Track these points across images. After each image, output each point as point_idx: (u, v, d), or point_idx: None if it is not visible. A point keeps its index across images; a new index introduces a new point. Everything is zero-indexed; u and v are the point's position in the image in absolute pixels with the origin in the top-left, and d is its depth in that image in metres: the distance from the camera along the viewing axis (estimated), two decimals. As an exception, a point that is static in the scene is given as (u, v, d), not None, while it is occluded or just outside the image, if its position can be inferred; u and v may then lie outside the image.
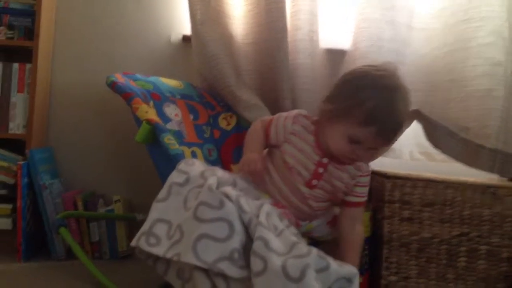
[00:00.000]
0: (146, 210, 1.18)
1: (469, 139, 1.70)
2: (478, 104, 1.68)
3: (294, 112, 1.33)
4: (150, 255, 1.13)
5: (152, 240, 1.09)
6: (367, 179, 1.35)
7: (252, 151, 1.30)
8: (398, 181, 1.57)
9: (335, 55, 1.88)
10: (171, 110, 1.54)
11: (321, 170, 1.29)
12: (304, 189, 1.29)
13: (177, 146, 1.28)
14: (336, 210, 1.40)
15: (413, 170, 1.77)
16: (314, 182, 1.29)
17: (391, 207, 1.56)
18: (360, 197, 1.35)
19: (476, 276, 1.58)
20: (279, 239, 1.08)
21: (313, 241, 1.36)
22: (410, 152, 1.94)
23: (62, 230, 1.62)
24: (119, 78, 1.46)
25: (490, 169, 1.72)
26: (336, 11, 1.87)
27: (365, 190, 1.35)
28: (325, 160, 1.28)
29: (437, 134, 1.75)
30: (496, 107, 1.68)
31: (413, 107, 1.80)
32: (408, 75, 1.79)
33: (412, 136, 1.87)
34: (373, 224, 1.62)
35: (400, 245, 1.56)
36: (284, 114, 1.34)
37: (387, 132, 1.18)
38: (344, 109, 1.19)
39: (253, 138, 1.35)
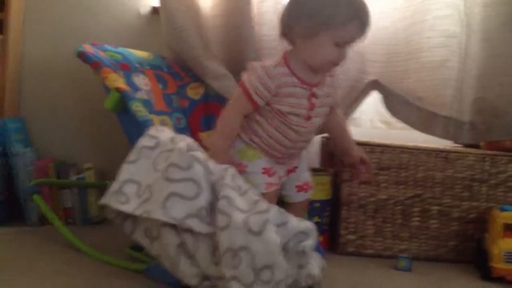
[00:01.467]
0: (117, 176, 1.24)
1: (423, 107, 1.80)
2: (432, 74, 1.78)
3: (260, 71, 1.29)
4: (119, 214, 1.19)
5: (122, 198, 1.16)
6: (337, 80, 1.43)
7: (224, 145, 1.31)
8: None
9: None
10: (140, 80, 1.59)
11: (313, 100, 1.33)
12: (302, 129, 1.34)
13: (145, 113, 1.34)
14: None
15: (374, 138, 1.87)
16: (311, 113, 1.34)
17: (350, 171, 1.66)
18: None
19: (428, 234, 1.69)
20: (242, 198, 1.16)
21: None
22: (371, 120, 2.04)
23: (35, 197, 1.67)
24: (88, 49, 1.51)
25: (444, 136, 1.82)
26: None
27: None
28: (314, 90, 1.33)
29: (394, 103, 1.84)
30: (450, 77, 1.78)
31: (373, 77, 1.89)
32: (368, 47, 1.88)
33: (372, 105, 1.96)
34: (333, 187, 1.72)
35: (358, 206, 1.67)
36: (255, 79, 1.29)
37: (366, 21, 1.26)
38: (322, 19, 1.23)
39: (228, 129, 1.33)
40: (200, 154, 1.18)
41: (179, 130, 1.61)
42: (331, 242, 1.72)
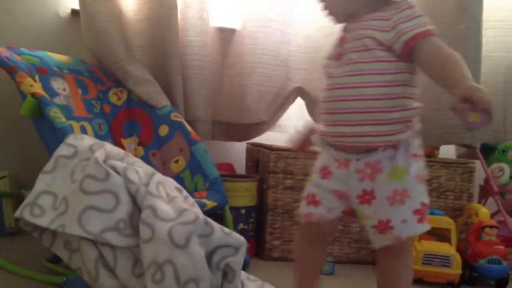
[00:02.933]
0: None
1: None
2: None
3: None
4: (36, 227, 1.14)
5: (37, 211, 1.10)
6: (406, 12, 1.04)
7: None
8: (282, 153, 1.69)
9: (225, 34, 1.95)
10: (58, 85, 1.53)
11: (344, 34, 1.13)
12: (335, 75, 1.09)
13: (63, 119, 1.28)
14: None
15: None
16: (342, 50, 1.10)
17: (275, 177, 1.68)
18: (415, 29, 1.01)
19: (350, 238, 1.74)
20: (169, 206, 1.13)
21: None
22: (296, 126, 2.06)
23: None
24: (3, 52, 1.42)
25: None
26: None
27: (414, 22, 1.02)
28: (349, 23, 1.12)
29: (317, 110, 1.88)
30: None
31: (297, 84, 1.93)
32: (293, 54, 1.92)
33: (297, 111, 1.99)
34: (259, 193, 1.72)
35: (283, 212, 1.69)
36: None
37: None
38: None
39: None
40: (118, 162, 1.15)
41: (100, 136, 1.56)
42: (257, 248, 1.73)
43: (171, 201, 1.15)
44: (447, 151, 1.99)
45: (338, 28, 1.82)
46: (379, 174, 1.04)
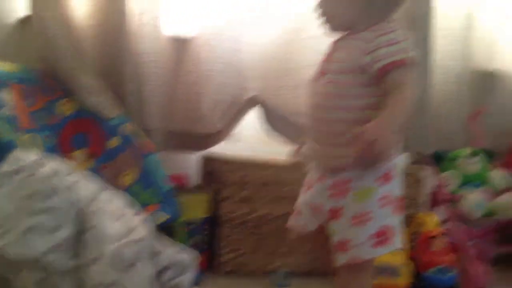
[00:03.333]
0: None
1: (299, 123, 1.85)
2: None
3: None
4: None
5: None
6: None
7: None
8: (236, 163, 1.68)
9: (180, 41, 1.91)
10: (3, 95, 1.47)
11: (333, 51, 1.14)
12: (313, 90, 1.14)
13: (8, 133, 1.24)
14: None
15: (255, 152, 1.89)
16: (325, 68, 1.13)
17: (230, 188, 1.67)
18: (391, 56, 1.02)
19: (305, 249, 1.73)
20: (116, 224, 1.11)
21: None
22: (252, 135, 2.06)
23: None
24: None
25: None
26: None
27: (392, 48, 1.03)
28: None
29: (273, 119, 1.89)
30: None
31: (253, 93, 1.92)
32: (248, 62, 1.91)
33: (252, 120, 1.98)
34: (213, 205, 1.71)
35: (237, 224, 1.68)
36: None
37: None
38: None
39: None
40: (65, 178, 1.12)
41: (47, 149, 1.51)
42: (210, 261, 1.71)
43: (119, 219, 1.13)
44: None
45: (295, 36, 1.87)
46: (347, 193, 1.06)
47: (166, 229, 1.51)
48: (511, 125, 2.07)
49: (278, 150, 1.98)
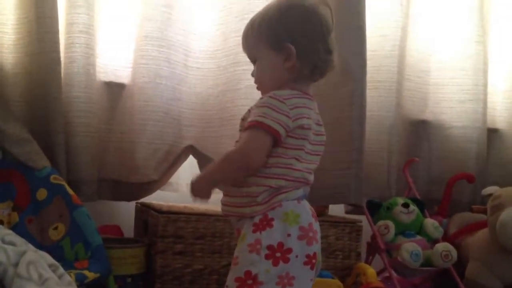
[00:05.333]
0: None
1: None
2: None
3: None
4: None
5: None
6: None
7: None
8: (172, 216, 1.62)
9: (114, 88, 1.87)
10: None
11: None
12: None
13: None
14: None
15: (192, 203, 1.84)
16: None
17: (165, 241, 1.60)
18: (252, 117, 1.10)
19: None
20: (41, 288, 1.03)
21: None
22: (187, 185, 2.01)
23: None
24: None
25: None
26: (115, 46, 1.86)
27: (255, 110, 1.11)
28: None
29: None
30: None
31: (189, 142, 1.89)
32: (184, 111, 1.89)
33: (189, 169, 1.94)
34: (147, 259, 1.64)
35: (173, 278, 1.61)
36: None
37: None
38: None
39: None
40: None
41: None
42: (144, 319, 1.63)
43: (43, 284, 1.05)
44: (336, 208, 2.03)
45: (231, 86, 1.87)
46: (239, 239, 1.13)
47: (97, 287, 1.43)
48: (442, 174, 2.13)
49: (214, 201, 1.96)
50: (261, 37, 1.15)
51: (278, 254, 1.05)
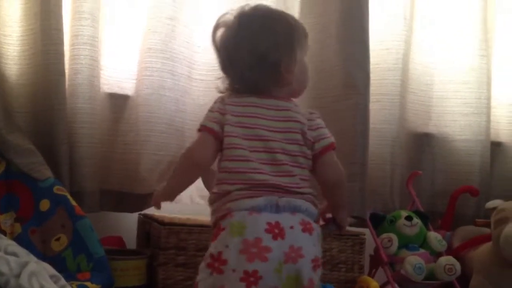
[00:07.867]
0: None
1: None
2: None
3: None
4: None
5: None
6: None
7: None
8: (174, 227, 1.62)
9: (118, 100, 1.88)
10: None
11: None
12: None
13: None
14: None
15: (195, 213, 1.84)
16: None
17: (167, 253, 1.60)
18: None
19: None
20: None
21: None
22: (190, 196, 2.02)
23: None
24: None
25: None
26: (119, 58, 1.87)
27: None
28: None
29: (210, 178, 1.85)
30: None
31: (192, 153, 1.89)
32: (187, 123, 1.89)
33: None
34: (149, 270, 1.63)
35: (175, 291, 1.60)
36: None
37: None
38: None
39: None
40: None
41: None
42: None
43: (44, 296, 1.05)
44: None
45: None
46: None
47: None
48: (446, 187, 2.12)
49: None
50: None
51: (216, 264, 1.06)
